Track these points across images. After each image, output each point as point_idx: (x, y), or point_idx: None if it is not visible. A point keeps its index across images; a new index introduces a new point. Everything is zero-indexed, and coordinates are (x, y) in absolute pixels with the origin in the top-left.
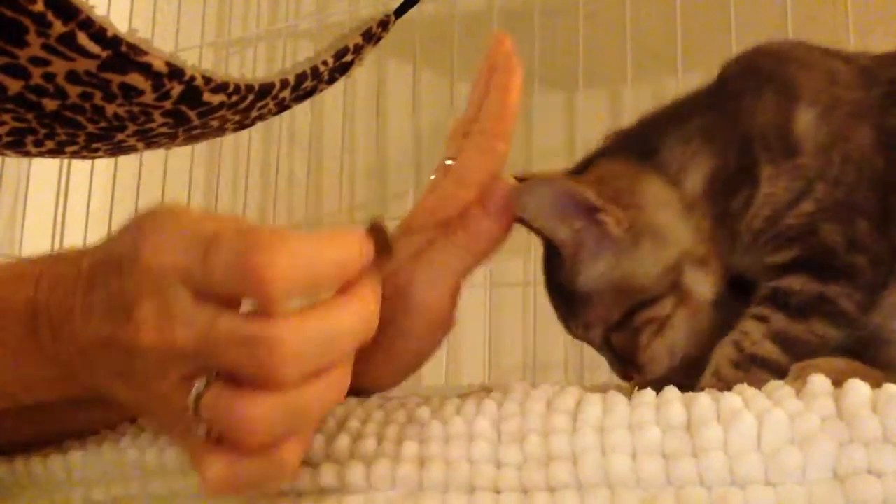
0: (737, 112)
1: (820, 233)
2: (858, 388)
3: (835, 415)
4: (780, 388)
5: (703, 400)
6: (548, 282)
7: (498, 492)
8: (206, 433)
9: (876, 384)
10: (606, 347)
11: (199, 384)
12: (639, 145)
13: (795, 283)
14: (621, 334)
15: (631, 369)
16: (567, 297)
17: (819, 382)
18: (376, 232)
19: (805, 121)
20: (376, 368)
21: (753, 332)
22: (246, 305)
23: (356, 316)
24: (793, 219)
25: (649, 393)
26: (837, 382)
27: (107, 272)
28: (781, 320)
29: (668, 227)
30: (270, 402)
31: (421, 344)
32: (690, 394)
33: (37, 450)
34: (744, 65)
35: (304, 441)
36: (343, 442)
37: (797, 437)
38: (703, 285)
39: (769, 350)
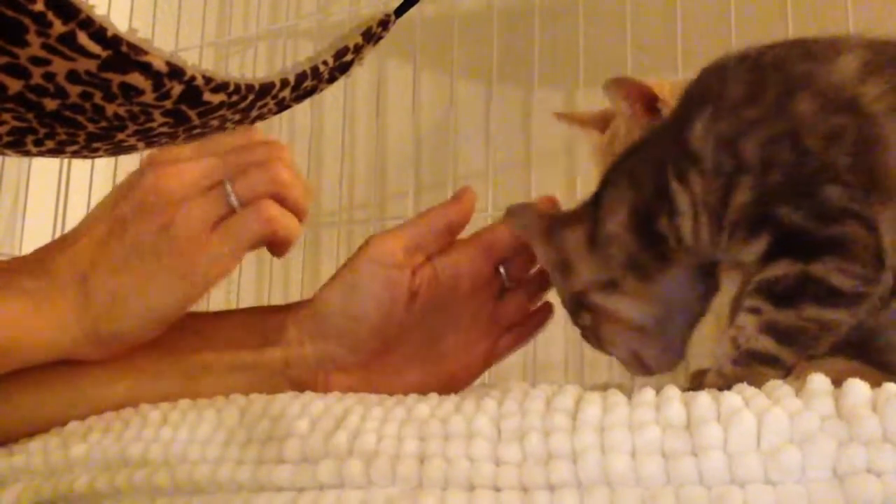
0: (657, 141)
1: (777, 216)
2: (858, 388)
3: (834, 414)
4: (779, 387)
5: (703, 399)
6: None
7: (498, 490)
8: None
9: (876, 385)
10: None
11: (227, 184)
12: (595, 197)
13: (779, 269)
14: (583, 333)
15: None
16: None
17: (819, 381)
18: None
19: (699, 127)
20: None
21: (748, 327)
22: None
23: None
24: (735, 213)
25: (649, 392)
26: (837, 383)
27: (115, 201)
28: (771, 311)
29: (573, 263)
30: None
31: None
32: (690, 393)
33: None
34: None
35: None
36: (342, 438)
37: (797, 436)
38: (622, 304)
39: (764, 343)
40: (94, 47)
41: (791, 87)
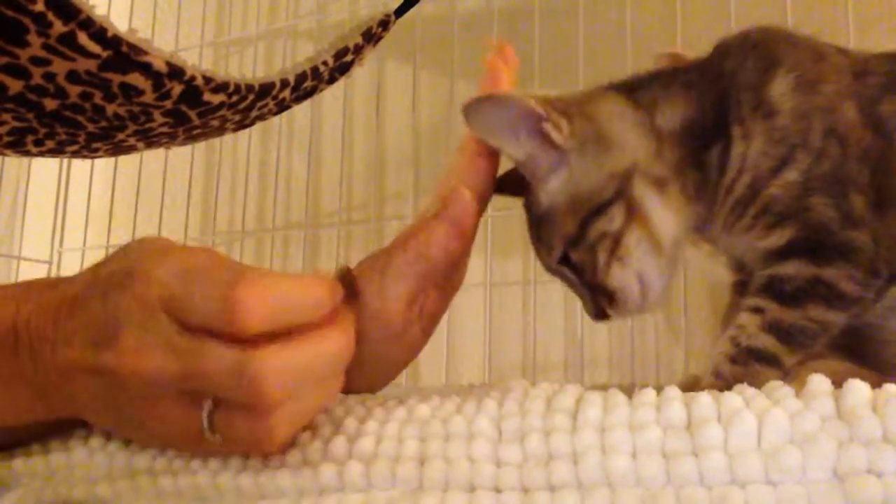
0: (719, 72)
1: (811, 207)
2: (858, 388)
3: (835, 415)
4: (780, 388)
5: (704, 399)
6: (527, 216)
7: (498, 491)
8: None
9: (873, 385)
10: (573, 273)
11: (207, 404)
12: (622, 85)
13: (790, 268)
14: (579, 251)
15: (603, 300)
16: (537, 224)
17: (819, 382)
18: (344, 278)
19: (782, 85)
20: (349, 376)
21: (749, 326)
22: None
23: (335, 343)
24: (778, 189)
25: (650, 392)
26: (835, 383)
27: (91, 296)
28: (776, 309)
29: (618, 136)
30: (267, 422)
31: (382, 350)
32: (691, 393)
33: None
34: (736, 36)
35: (300, 423)
36: (342, 441)
37: (797, 436)
38: (660, 211)
39: (766, 342)
40: (95, 47)
41: (840, 92)
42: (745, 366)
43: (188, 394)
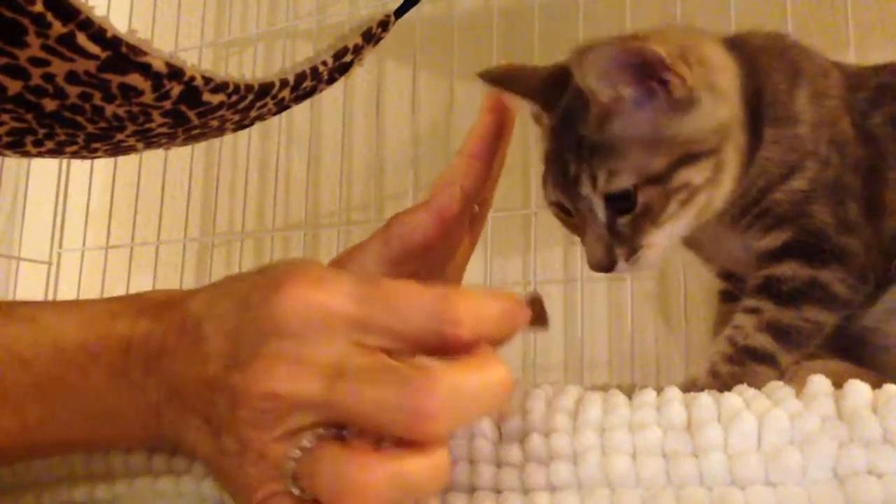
0: (756, 67)
1: (810, 213)
2: (858, 389)
3: (835, 415)
4: (780, 389)
5: (704, 400)
6: (558, 130)
7: (498, 492)
8: (298, 495)
9: (872, 387)
10: (609, 211)
11: (306, 440)
12: (714, 36)
13: (787, 269)
14: (654, 191)
15: (622, 251)
16: (590, 148)
17: (819, 383)
18: (535, 304)
19: (803, 96)
20: None
21: (746, 325)
22: None
23: (499, 374)
24: (783, 194)
25: (650, 393)
26: (835, 384)
27: (226, 310)
28: (773, 310)
29: (726, 89)
30: (385, 471)
31: None
32: (691, 394)
33: None
34: (766, 36)
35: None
36: None
37: (797, 437)
38: (727, 182)
39: (762, 341)
40: (94, 48)
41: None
42: (743, 365)
43: (303, 431)
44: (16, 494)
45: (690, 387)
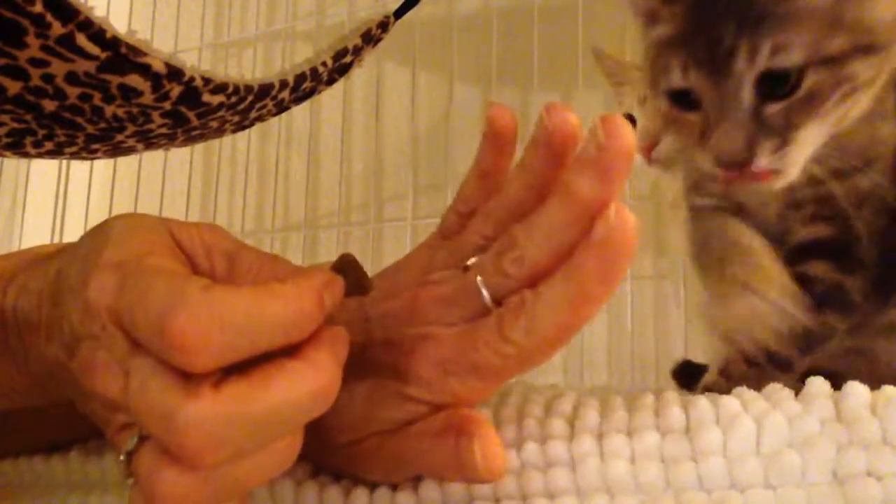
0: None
1: (857, 217)
2: (857, 391)
3: (834, 417)
4: (779, 391)
5: (702, 403)
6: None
7: (497, 500)
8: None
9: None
10: (760, 90)
11: (131, 440)
12: None
13: (819, 269)
14: (824, 75)
15: (766, 142)
16: (751, 15)
17: (818, 384)
18: (346, 268)
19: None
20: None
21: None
22: None
23: (304, 388)
24: (843, 189)
25: (648, 395)
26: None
27: (62, 291)
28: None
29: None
30: (192, 481)
31: None
32: (689, 397)
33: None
34: None
35: (244, 498)
36: None
37: (797, 439)
38: (870, 93)
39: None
40: (93, 49)
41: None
42: (760, 367)
43: (133, 426)
44: (12, 501)
45: (707, 390)
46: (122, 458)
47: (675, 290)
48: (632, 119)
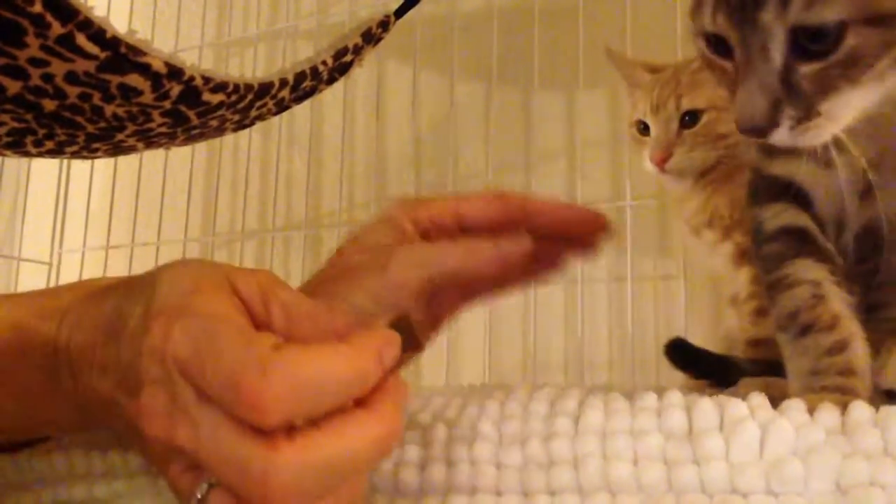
0: None
1: None
2: (861, 406)
3: (838, 428)
4: (788, 400)
5: (707, 407)
6: None
7: (499, 494)
8: None
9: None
10: (793, 51)
11: (202, 485)
12: None
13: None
14: (870, 36)
15: (791, 107)
16: None
17: None
18: (403, 327)
19: None
20: None
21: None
22: None
23: (371, 436)
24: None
25: (651, 397)
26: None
27: (120, 331)
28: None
29: None
30: None
31: None
32: (694, 398)
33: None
34: None
35: None
36: None
37: (801, 448)
38: None
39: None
40: (93, 48)
41: None
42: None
43: (198, 468)
44: (17, 493)
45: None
46: (195, 500)
47: (676, 291)
48: (645, 126)
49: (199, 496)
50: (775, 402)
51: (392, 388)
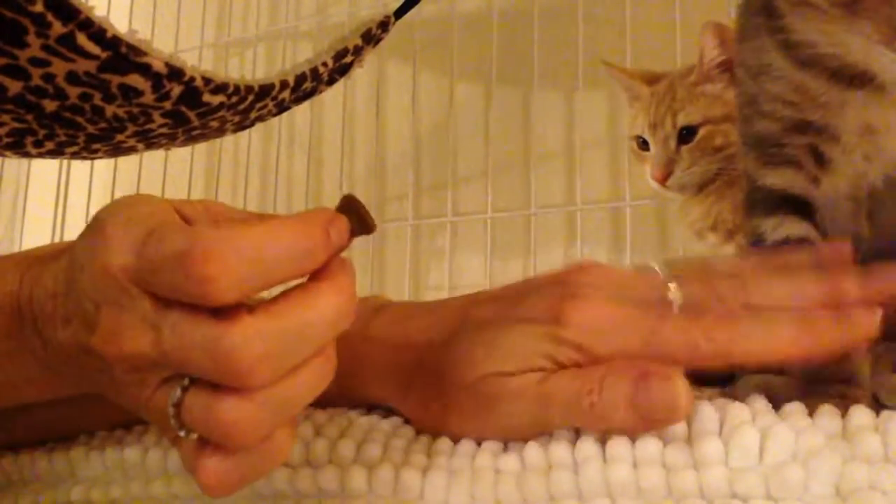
0: None
1: None
2: (862, 411)
3: (839, 433)
4: (790, 404)
5: (707, 411)
6: None
7: (498, 501)
8: (194, 436)
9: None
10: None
11: (174, 391)
12: None
13: None
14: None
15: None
16: None
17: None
18: (350, 207)
19: None
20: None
21: None
22: None
23: (330, 305)
24: None
25: None
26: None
27: (74, 272)
28: None
29: None
30: (250, 405)
31: (500, 434)
32: (695, 402)
33: (41, 446)
34: None
35: (294, 422)
36: (347, 446)
37: (801, 453)
38: None
39: None
40: (94, 48)
41: None
42: None
43: (173, 378)
44: (15, 493)
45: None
46: (170, 411)
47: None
48: (644, 142)
49: (174, 401)
50: (775, 402)
51: (341, 263)
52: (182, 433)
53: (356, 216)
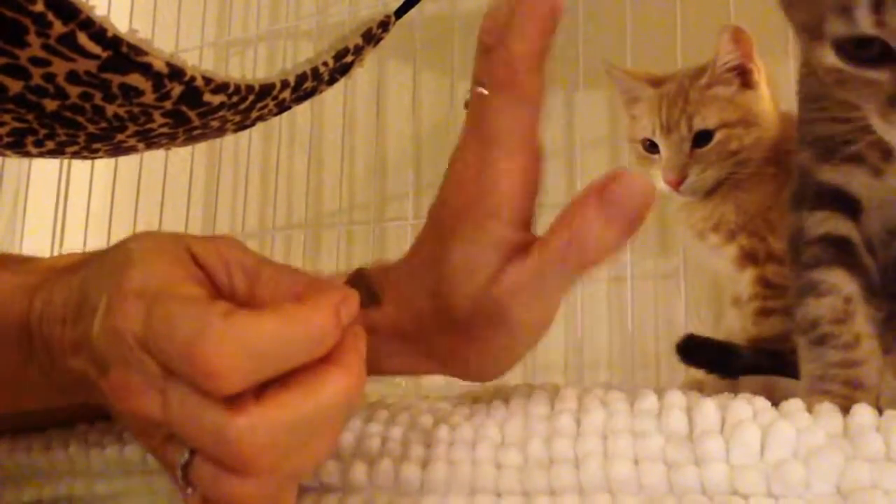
0: None
1: None
2: (864, 410)
3: (841, 432)
4: (790, 402)
5: (709, 408)
6: None
7: (498, 495)
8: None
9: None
10: None
11: (183, 454)
12: None
13: None
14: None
15: None
16: None
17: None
18: (361, 283)
19: None
20: (472, 364)
21: None
22: None
23: (339, 390)
24: None
25: (651, 398)
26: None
27: (85, 312)
28: None
29: None
30: (255, 482)
31: (521, 348)
32: (696, 399)
33: (39, 439)
34: None
35: (298, 479)
36: (347, 439)
37: (802, 451)
38: None
39: None
40: (94, 48)
41: None
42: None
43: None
44: (18, 488)
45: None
46: (179, 471)
47: (676, 290)
48: (653, 145)
49: (182, 462)
50: (775, 402)
51: (352, 340)
52: (189, 491)
53: (365, 289)
